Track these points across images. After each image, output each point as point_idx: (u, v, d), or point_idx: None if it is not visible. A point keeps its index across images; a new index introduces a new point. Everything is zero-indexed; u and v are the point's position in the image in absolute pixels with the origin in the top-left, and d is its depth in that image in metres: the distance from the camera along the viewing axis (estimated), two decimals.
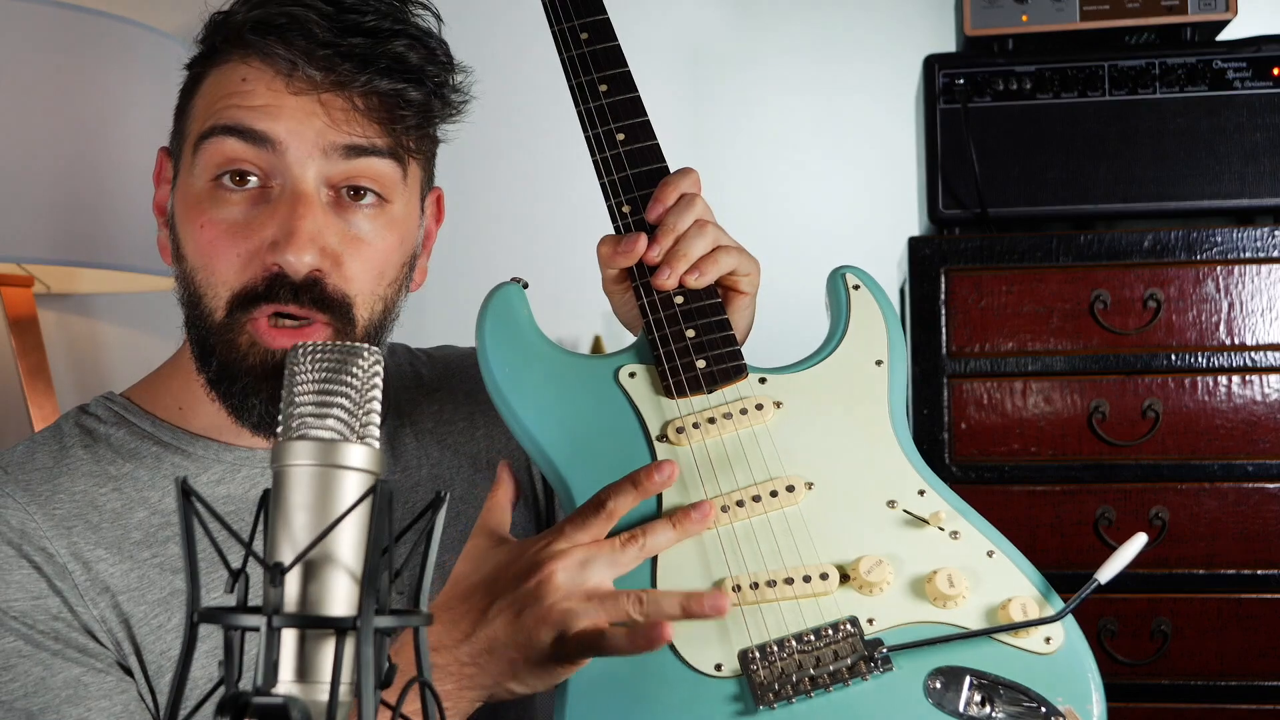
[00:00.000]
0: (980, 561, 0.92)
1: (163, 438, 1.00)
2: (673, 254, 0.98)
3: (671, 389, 0.96)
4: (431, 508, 0.62)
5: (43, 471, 0.96)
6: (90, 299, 2.21)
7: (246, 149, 0.93)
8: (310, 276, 0.93)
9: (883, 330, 1.01)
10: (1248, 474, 1.78)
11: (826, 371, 1.00)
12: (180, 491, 0.58)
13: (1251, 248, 1.79)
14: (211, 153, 0.94)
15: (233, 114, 0.93)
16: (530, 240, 2.50)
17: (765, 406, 0.96)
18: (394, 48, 0.95)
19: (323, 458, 0.59)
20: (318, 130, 0.93)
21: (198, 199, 0.95)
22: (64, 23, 1.70)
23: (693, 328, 0.98)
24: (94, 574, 0.93)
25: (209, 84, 0.97)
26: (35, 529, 0.92)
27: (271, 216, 0.93)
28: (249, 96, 0.93)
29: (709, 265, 0.99)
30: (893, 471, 0.95)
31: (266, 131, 0.93)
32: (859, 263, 2.66)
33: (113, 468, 0.97)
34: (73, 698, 0.90)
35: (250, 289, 0.94)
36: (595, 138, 1.04)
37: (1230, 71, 1.83)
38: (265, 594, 0.56)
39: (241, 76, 0.94)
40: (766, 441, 0.95)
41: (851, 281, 1.06)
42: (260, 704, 0.52)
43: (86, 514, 0.94)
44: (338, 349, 0.62)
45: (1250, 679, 1.77)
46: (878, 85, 2.45)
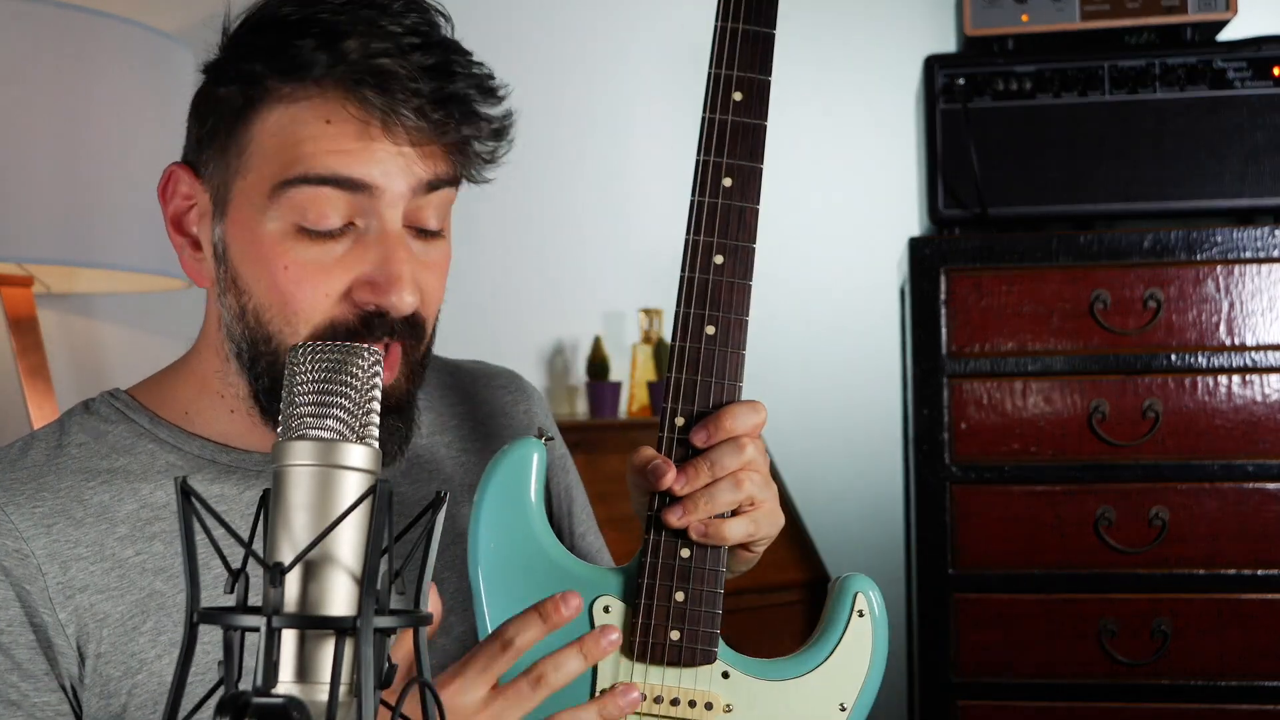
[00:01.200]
0: None
1: (160, 435, 1.00)
2: (694, 498, 0.94)
3: (635, 650, 0.93)
4: (432, 508, 0.62)
5: (31, 469, 0.96)
6: (90, 299, 2.21)
7: (339, 196, 0.92)
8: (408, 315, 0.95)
9: (863, 673, 0.96)
10: (1248, 474, 1.78)
11: (788, 696, 0.95)
12: (180, 492, 0.58)
13: (1251, 248, 1.79)
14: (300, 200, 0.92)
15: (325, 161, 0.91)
16: (531, 241, 2.50)
17: (715, 708, 0.93)
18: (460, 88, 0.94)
19: (322, 458, 0.59)
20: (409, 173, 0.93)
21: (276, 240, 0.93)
22: (64, 23, 1.70)
23: (683, 591, 0.93)
24: (70, 574, 0.93)
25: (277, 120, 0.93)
26: (10, 530, 0.92)
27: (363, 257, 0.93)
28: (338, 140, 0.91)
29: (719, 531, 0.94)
30: None
31: (363, 179, 0.91)
32: (859, 263, 2.66)
33: (104, 462, 0.97)
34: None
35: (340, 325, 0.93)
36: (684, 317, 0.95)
37: (1230, 71, 1.83)
38: (265, 594, 0.56)
39: (325, 118, 0.91)
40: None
41: (859, 605, 0.97)
42: (260, 704, 0.52)
43: (70, 509, 0.94)
44: (338, 349, 0.62)
45: (1250, 679, 1.77)
46: (878, 85, 2.45)
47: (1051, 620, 1.81)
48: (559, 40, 2.47)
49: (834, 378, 2.40)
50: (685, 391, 0.94)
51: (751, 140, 0.96)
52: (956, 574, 1.83)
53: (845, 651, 0.96)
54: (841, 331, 2.43)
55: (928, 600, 1.83)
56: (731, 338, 0.95)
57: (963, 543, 1.83)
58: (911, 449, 1.88)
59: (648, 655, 0.92)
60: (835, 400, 2.40)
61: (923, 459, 1.84)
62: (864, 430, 2.40)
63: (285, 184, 0.91)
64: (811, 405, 2.39)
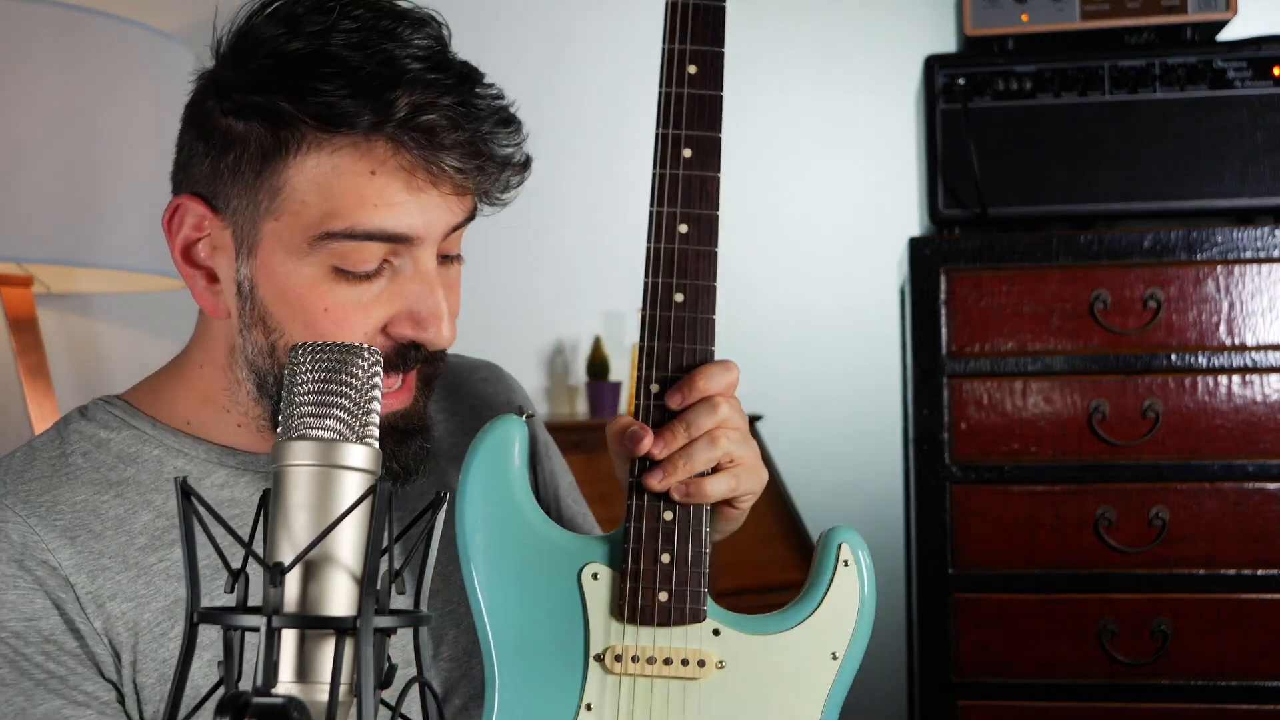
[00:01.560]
0: None
1: (166, 441, 0.99)
2: (672, 459, 0.95)
3: (624, 611, 0.94)
4: (432, 508, 0.62)
5: (41, 481, 0.95)
6: (90, 299, 2.21)
7: (383, 248, 0.93)
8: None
9: (852, 620, 0.97)
10: (1248, 474, 1.78)
11: (779, 647, 0.96)
12: (180, 492, 0.58)
13: (1251, 248, 1.79)
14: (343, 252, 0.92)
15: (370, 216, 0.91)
16: (531, 241, 2.50)
17: (707, 664, 0.94)
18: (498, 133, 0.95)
19: (322, 458, 0.59)
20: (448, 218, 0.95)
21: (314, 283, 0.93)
22: (64, 22, 1.70)
23: (669, 552, 0.94)
24: (98, 584, 0.92)
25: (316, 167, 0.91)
26: (37, 541, 0.92)
27: (399, 294, 0.94)
28: (384, 193, 0.91)
29: (700, 489, 0.95)
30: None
31: (406, 232, 0.92)
32: (859, 263, 2.67)
33: (113, 474, 0.97)
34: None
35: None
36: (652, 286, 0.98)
37: (1230, 71, 1.83)
38: (265, 594, 0.56)
39: (369, 169, 0.91)
40: (694, 702, 0.94)
41: (844, 555, 0.99)
42: (260, 704, 0.52)
43: (89, 523, 0.94)
44: (337, 349, 0.62)
45: (1250, 679, 1.77)
46: (878, 85, 2.45)
47: (1051, 620, 1.81)
48: (559, 40, 2.47)
49: (834, 377, 2.40)
50: (659, 359, 0.96)
51: (709, 111, 0.97)
52: (956, 574, 1.83)
53: (833, 601, 0.97)
54: (841, 331, 2.43)
55: (928, 600, 1.83)
56: (701, 303, 0.97)
57: (963, 543, 1.83)
58: (911, 449, 1.88)
59: (638, 617, 0.93)
60: (835, 400, 2.40)
61: (923, 459, 1.84)
62: (864, 430, 2.40)
63: (329, 235, 0.91)
64: (811, 405, 2.39)
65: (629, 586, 0.94)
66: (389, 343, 0.95)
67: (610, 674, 0.94)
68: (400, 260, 0.94)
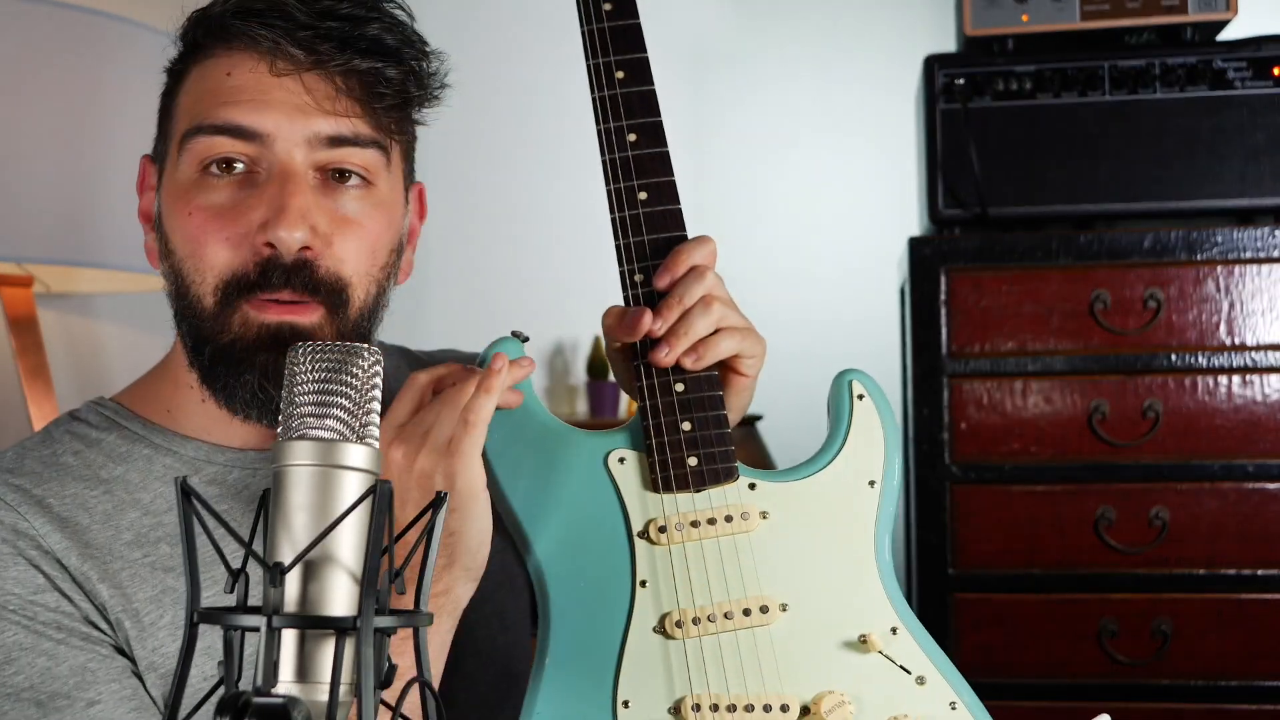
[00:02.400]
0: (943, 712, 0.90)
1: (154, 440, 1.00)
2: (674, 331, 0.96)
3: (658, 483, 0.95)
4: (432, 508, 0.62)
5: (31, 476, 0.96)
6: (90, 299, 2.21)
7: (234, 143, 0.95)
8: (302, 257, 0.94)
9: (880, 448, 0.99)
10: (1248, 474, 1.78)
11: (817, 486, 0.97)
12: (180, 492, 0.58)
13: (1251, 248, 1.79)
14: (198, 149, 0.95)
15: (220, 112, 0.95)
16: (530, 241, 2.50)
17: (751, 516, 0.95)
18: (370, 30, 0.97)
19: (322, 458, 0.59)
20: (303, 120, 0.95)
21: (183, 189, 0.96)
22: (64, 23, 1.70)
23: (689, 420, 0.96)
24: (87, 567, 0.93)
25: (192, 81, 0.98)
26: (27, 526, 0.93)
27: (260, 198, 0.94)
28: (235, 93, 0.95)
29: (708, 349, 0.97)
30: (869, 604, 0.93)
31: (254, 126, 0.94)
32: (859, 263, 2.67)
33: (103, 471, 0.97)
34: (82, 683, 0.90)
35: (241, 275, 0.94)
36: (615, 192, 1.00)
37: (1230, 71, 1.83)
38: (265, 594, 0.56)
39: (226, 71, 0.96)
40: (747, 555, 0.94)
41: (857, 390, 1.02)
42: (260, 704, 0.52)
43: (77, 516, 0.95)
44: (337, 349, 0.62)
45: (1250, 679, 1.77)
46: (878, 85, 2.45)
47: (1051, 620, 1.81)
48: (558, 40, 2.47)
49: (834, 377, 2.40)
50: (636, 252, 0.99)
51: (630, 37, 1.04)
52: (956, 574, 1.83)
53: (857, 433, 1.00)
54: (841, 331, 2.43)
55: (928, 600, 1.83)
56: (664, 196, 1.00)
57: (963, 543, 1.83)
58: (911, 449, 1.88)
59: (673, 485, 0.94)
60: None
61: (923, 459, 1.84)
62: None
63: (187, 134, 0.96)
64: (811, 405, 2.39)
65: (657, 459, 0.95)
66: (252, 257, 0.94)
67: (658, 546, 0.94)
68: (263, 167, 0.95)
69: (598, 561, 0.93)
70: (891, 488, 0.98)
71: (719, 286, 0.99)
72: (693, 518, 0.94)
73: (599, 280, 2.63)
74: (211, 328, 0.95)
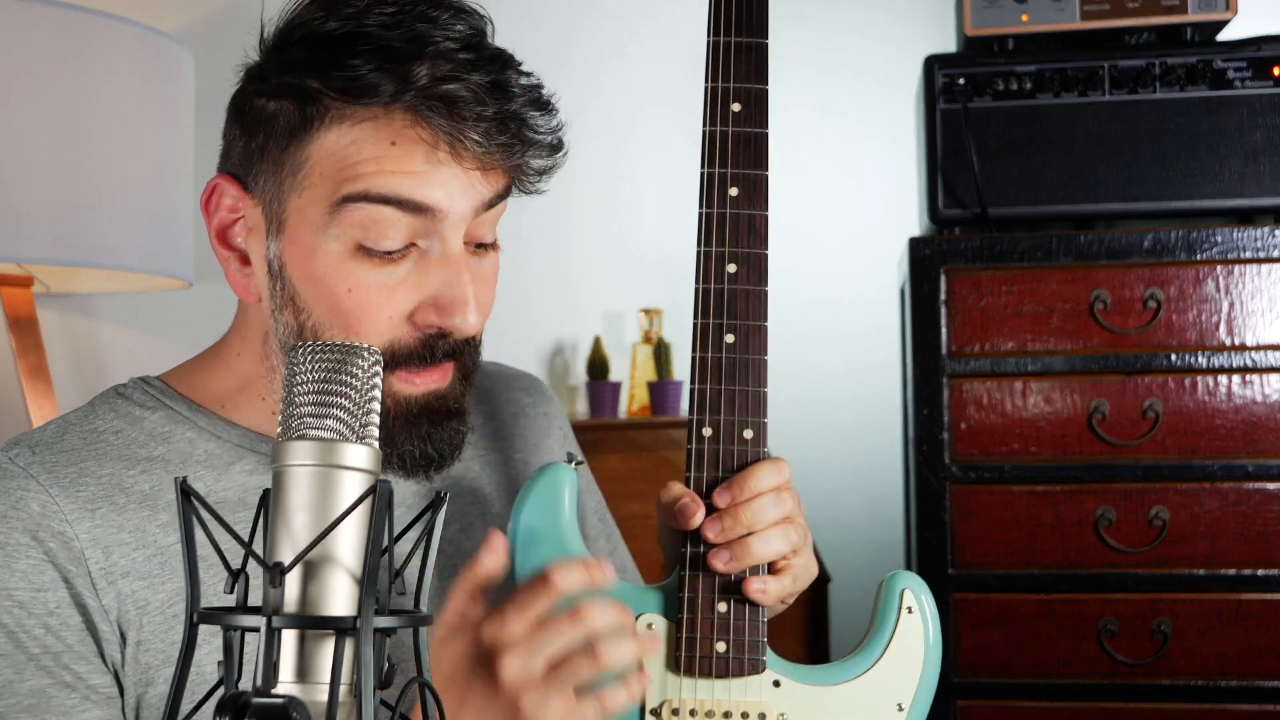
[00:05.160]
0: None
1: (199, 422, 0.99)
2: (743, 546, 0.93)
3: (682, 664, 0.91)
4: (432, 508, 0.62)
5: (70, 453, 0.96)
6: (90, 299, 2.21)
7: (401, 217, 0.91)
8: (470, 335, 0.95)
9: (918, 671, 0.95)
10: (1248, 474, 1.78)
11: (843, 698, 0.93)
12: (180, 492, 0.58)
13: (1251, 248, 1.79)
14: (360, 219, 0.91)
15: (387, 182, 0.90)
16: (531, 241, 2.50)
17: (768, 717, 0.92)
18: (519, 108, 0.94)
19: (322, 458, 0.59)
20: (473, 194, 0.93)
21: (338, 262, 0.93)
22: (64, 23, 1.70)
23: (726, 602, 0.92)
24: (112, 560, 0.93)
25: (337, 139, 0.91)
26: (56, 511, 0.92)
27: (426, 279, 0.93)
28: (402, 162, 0.90)
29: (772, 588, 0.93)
30: None
31: (426, 201, 0.91)
32: (859, 263, 2.66)
33: (143, 450, 0.97)
34: (32, 708, 0.90)
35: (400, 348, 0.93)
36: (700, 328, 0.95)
37: (1230, 71, 1.83)
38: (265, 594, 0.56)
39: (390, 140, 0.90)
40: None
41: (908, 602, 0.97)
42: (260, 704, 0.52)
43: (113, 496, 0.94)
44: (338, 349, 0.62)
45: (1250, 679, 1.77)
46: (878, 85, 2.44)
47: (1051, 620, 1.81)
48: (558, 40, 2.47)
49: (834, 378, 2.40)
50: (710, 401, 0.93)
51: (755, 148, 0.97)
52: (956, 574, 1.83)
53: (897, 650, 0.95)
54: (841, 331, 2.43)
55: None
56: (752, 344, 0.94)
57: (963, 543, 1.83)
58: (911, 449, 1.88)
59: (695, 669, 0.90)
60: (835, 400, 2.40)
61: (923, 459, 1.84)
62: (864, 430, 2.40)
63: (345, 200, 0.90)
64: (811, 405, 2.39)
65: (685, 637, 0.91)
66: (415, 331, 0.94)
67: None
68: (427, 244, 0.93)
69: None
70: (919, 712, 0.94)
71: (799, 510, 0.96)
72: (709, 707, 0.91)
73: (599, 280, 2.63)
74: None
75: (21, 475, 0.93)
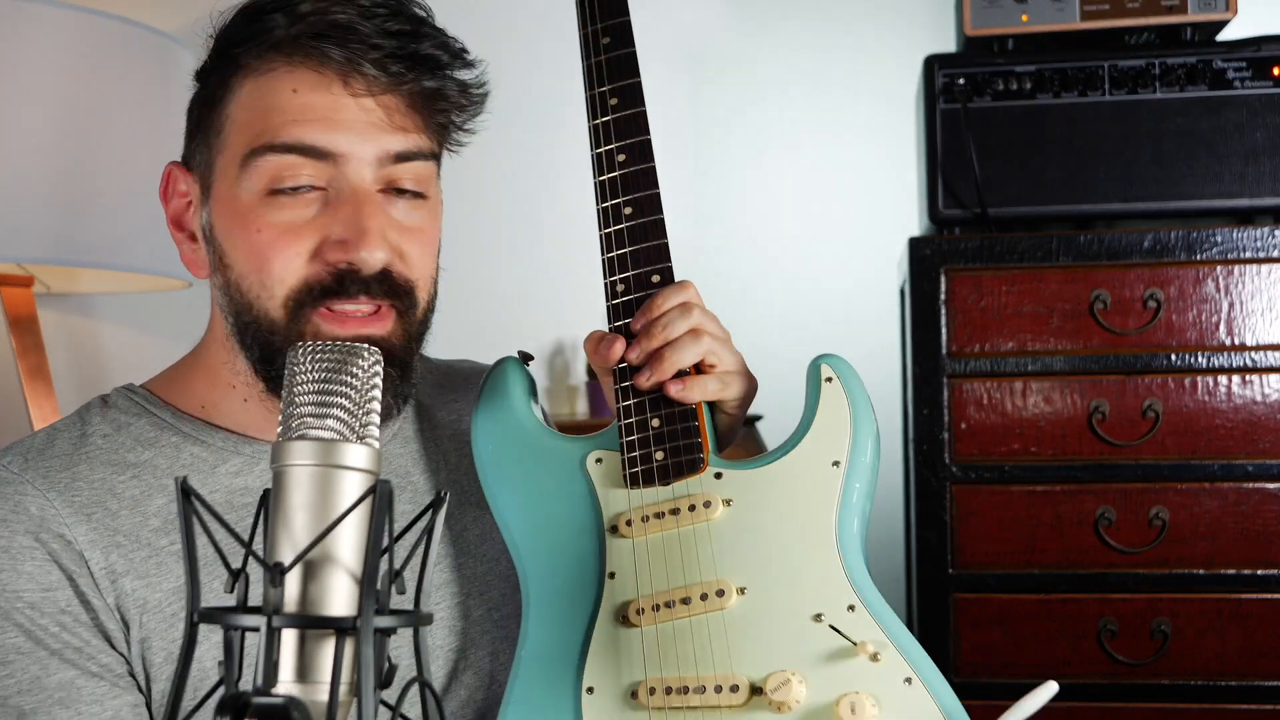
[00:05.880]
0: (895, 688, 0.89)
1: (183, 428, 1.01)
2: (658, 358, 0.99)
3: (628, 479, 0.98)
4: (432, 507, 0.62)
5: (62, 459, 0.97)
6: (90, 299, 2.21)
7: (305, 163, 0.94)
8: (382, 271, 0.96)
9: (847, 429, 0.98)
10: (1248, 474, 1.78)
11: (780, 470, 0.97)
12: (180, 491, 0.58)
13: (1251, 248, 1.79)
14: (266, 168, 0.95)
15: (290, 130, 0.94)
16: (531, 240, 2.50)
17: (714, 504, 0.96)
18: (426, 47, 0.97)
19: (322, 458, 0.59)
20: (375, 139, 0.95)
21: (249, 208, 0.96)
22: (64, 23, 1.70)
23: (658, 416, 0.99)
24: (111, 560, 0.94)
25: (247, 95, 0.96)
26: (54, 515, 0.93)
27: (334, 217, 0.95)
28: (304, 110, 0.94)
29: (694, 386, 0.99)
30: (825, 583, 0.93)
31: (327, 146, 0.94)
32: (859, 263, 2.66)
33: (131, 455, 0.99)
34: (64, 699, 0.91)
35: (314, 284, 0.95)
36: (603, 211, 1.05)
37: (1230, 71, 1.83)
38: (265, 594, 0.56)
39: (291, 87, 0.95)
40: (706, 542, 0.95)
41: (825, 374, 1.01)
42: (260, 704, 0.52)
43: (105, 501, 0.96)
44: (338, 349, 0.62)
45: (1250, 679, 1.77)
46: (878, 85, 2.45)
47: (1051, 620, 1.81)
48: (559, 40, 2.47)
49: None
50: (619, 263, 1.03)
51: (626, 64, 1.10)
52: (956, 574, 1.83)
53: (823, 415, 0.99)
54: (841, 331, 2.43)
55: (928, 600, 1.83)
56: (647, 210, 1.04)
57: (963, 543, 1.83)
58: (911, 449, 1.88)
59: (641, 481, 0.97)
60: None
61: (923, 459, 1.84)
62: None
63: (254, 153, 0.95)
64: None
65: (627, 457, 0.98)
66: (326, 267, 0.95)
67: (624, 539, 0.96)
68: (334, 184, 0.95)
69: (573, 558, 0.96)
70: (860, 465, 0.98)
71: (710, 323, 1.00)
72: (658, 509, 0.96)
73: (599, 280, 2.63)
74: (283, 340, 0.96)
75: (17, 480, 0.94)
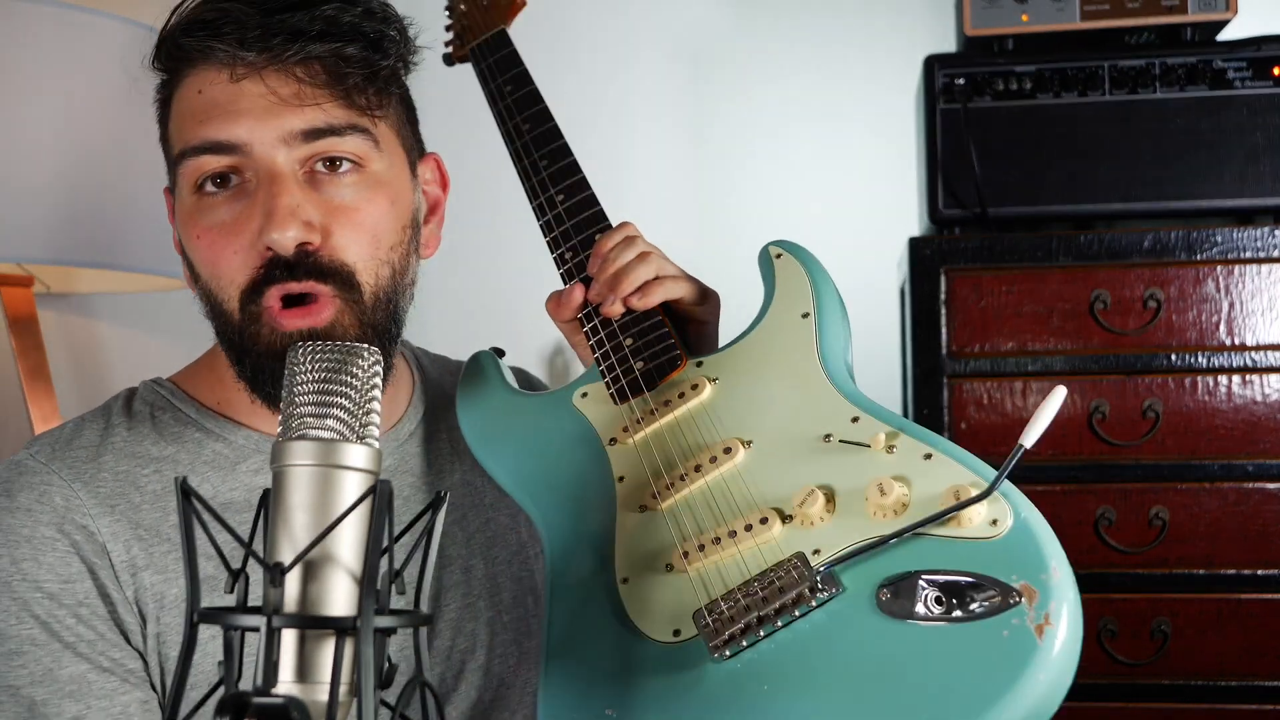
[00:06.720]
0: (917, 465, 0.91)
1: (206, 425, 1.02)
2: (614, 281, 1.02)
3: (616, 396, 1.00)
4: (432, 507, 0.62)
5: (88, 450, 0.98)
6: (90, 299, 2.21)
7: (218, 159, 0.96)
8: (301, 250, 0.94)
9: (807, 285, 1.02)
10: (1248, 474, 1.78)
11: (757, 338, 1.02)
12: (180, 491, 0.58)
13: (1251, 248, 1.79)
14: (189, 171, 0.97)
15: (198, 132, 0.96)
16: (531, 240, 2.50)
17: (701, 385, 0.98)
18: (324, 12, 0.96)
19: (322, 458, 0.59)
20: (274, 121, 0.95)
21: (189, 214, 0.98)
22: (64, 23, 1.70)
23: (630, 335, 1.03)
24: (133, 553, 0.95)
25: (174, 108, 1.00)
26: (79, 505, 0.94)
27: (253, 206, 0.95)
28: (208, 109, 0.96)
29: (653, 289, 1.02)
30: (826, 407, 0.94)
31: (229, 139, 0.95)
32: (859, 263, 2.66)
33: (155, 449, 0.99)
34: (75, 693, 0.91)
35: (254, 279, 0.96)
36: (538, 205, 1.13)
37: (1230, 71, 1.83)
38: (265, 594, 0.56)
39: (196, 89, 0.97)
40: (704, 416, 0.97)
41: (774, 252, 1.07)
42: (260, 704, 0.52)
43: (128, 494, 0.97)
44: (338, 349, 0.62)
45: (1250, 679, 1.77)
46: (878, 85, 2.44)
47: None
48: (559, 40, 2.47)
49: None
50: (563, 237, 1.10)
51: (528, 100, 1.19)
52: None
53: (782, 283, 1.04)
54: None
55: None
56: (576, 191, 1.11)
57: None
58: None
59: (628, 393, 1.00)
60: None
61: None
62: None
63: (177, 161, 0.98)
64: None
65: (609, 376, 1.01)
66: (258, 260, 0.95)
67: (625, 444, 0.98)
68: (252, 174, 0.96)
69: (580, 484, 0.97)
70: (830, 309, 1.00)
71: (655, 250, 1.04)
72: (650, 408, 0.98)
73: None
74: (243, 341, 0.96)
75: (44, 471, 0.95)
